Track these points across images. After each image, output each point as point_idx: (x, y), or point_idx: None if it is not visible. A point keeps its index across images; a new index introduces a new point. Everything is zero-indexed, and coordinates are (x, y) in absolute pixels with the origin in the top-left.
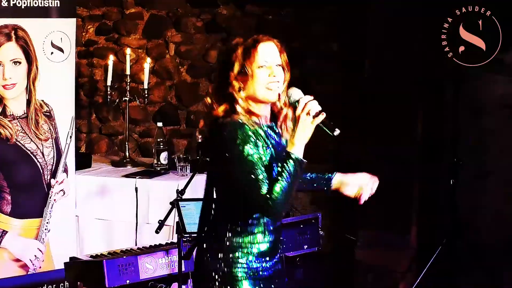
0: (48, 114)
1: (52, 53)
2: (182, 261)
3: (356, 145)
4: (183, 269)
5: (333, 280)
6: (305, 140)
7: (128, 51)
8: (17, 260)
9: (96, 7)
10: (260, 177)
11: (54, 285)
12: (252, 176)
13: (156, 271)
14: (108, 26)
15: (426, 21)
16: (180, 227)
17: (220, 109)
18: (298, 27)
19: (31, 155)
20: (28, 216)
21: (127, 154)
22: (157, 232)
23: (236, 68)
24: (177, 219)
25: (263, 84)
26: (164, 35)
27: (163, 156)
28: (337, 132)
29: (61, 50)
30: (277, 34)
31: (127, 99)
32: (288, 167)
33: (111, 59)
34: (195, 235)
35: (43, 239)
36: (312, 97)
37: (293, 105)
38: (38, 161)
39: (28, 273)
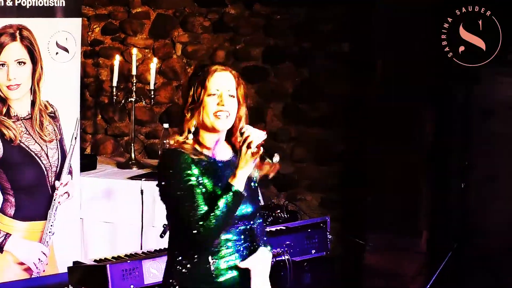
0: (53, 115)
1: (57, 53)
2: None
3: (364, 147)
4: None
5: (342, 285)
6: (247, 172)
7: (134, 51)
8: (21, 264)
9: (102, 6)
10: (195, 205)
11: None
12: (186, 204)
13: (161, 276)
14: (114, 26)
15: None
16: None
17: (177, 138)
18: (307, 27)
19: (35, 157)
20: (32, 218)
21: (133, 155)
22: (161, 236)
23: (190, 97)
24: None
25: (211, 111)
26: (171, 34)
27: None
28: (276, 158)
29: (66, 50)
30: (285, 33)
31: (133, 99)
32: (227, 198)
33: (117, 59)
34: None
35: (47, 242)
36: (256, 130)
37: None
38: (42, 162)
39: (32, 276)
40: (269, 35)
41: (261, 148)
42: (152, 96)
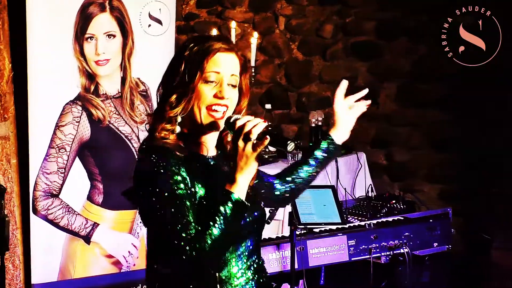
0: (145, 93)
1: (149, 25)
2: (295, 257)
3: (484, 131)
4: (296, 266)
5: (465, 285)
6: (249, 174)
7: (233, 25)
8: (109, 256)
9: None
10: (187, 218)
11: None
12: (178, 215)
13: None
14: None
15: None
16: (294, 218)
17: (157, 128)
18: None
19: (125, 139)
20: (121, 207)
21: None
22: (267, 222)
23: (178, 77)
24: (289, 210)
25: (204, 103)
26: (273, 7)
27: None
28: (290, 146)
29: (159, 22)
30: (401, 5)
31: None
32: (225, 210)
33: (214, 34)
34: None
35: (137, 233)
36: (252, 117)
37: (231, 130)
38: (132, 145)
39: (122, 271)
40: (382, 8)
41: (267, 137)
42: (253, 75)
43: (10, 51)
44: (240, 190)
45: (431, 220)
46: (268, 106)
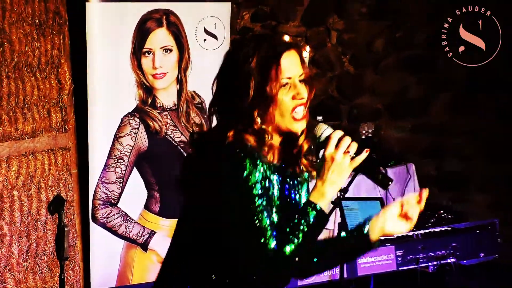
0: (200, 106)
1: (205, 40)
2: (344, 266)
3: None
4: (345, 275)
5: None
6: (338, 187)
7: (286, 39)
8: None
9: None
10: (267, 223)
11: None
12: (257, 221)
13: (316, 276)
14: (265, 12)
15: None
16: (343, 228)
17: (229, 133)
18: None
19: (181, 150)
20: (177, 216)
21: None
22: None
23: (251, 87)
24: (338, 220)
25: (288, 110)
26: (326, 21)
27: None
28: (387, 184)
29: (214, 37)
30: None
31: None
32: (308, 220)
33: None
34: None
35: None
36: (342, 132)
37: (321, 143)
38: None
39: None
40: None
41: (367, 150)
42: None
43: (71, 65)
44: (326, 203)
45: (477, 231)
46: (319, 118)
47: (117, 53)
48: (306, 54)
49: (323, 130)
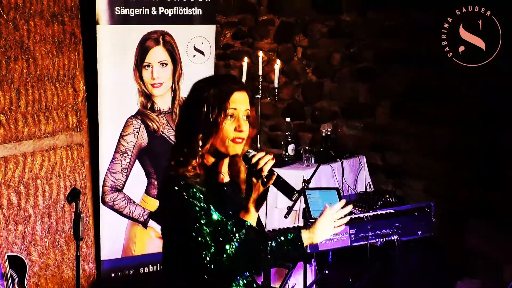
0: None
1: (194, 55)
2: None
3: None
4: (308, 250)
5: (446, 266)
6: (260, 204)
7: (260, 54)
8: (162, 238)
9: (233, 15)
10: (207, 240)
11: None
12: (199, 238)
13: None
14: (243, 32)
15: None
16: (306, 213)
17: (189, 163)
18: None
19: None
20: None
21: (258, 145)
22: (285, 217)
23: (201, 119)
24: (303, 205)
25: (229, 138)
26: (293, 39)
27: (291, 148)
28: (295, 196)
29: (202, 53)
30: (400, 39)
31: (259, 96)
32: (239, 234)
33: (245, 61)
34: None
35: None
36: (263, 153)
37: (248, 160)
38: None
39: None
40: (382, 38)
41: (275, 174)
42: (276, 93)
43: (84, 76)
44: (253, 218)
45: (416, 214)
46: (288, 119)
47: (122, 67)
48: (277, 66)
49: (250, 151)
